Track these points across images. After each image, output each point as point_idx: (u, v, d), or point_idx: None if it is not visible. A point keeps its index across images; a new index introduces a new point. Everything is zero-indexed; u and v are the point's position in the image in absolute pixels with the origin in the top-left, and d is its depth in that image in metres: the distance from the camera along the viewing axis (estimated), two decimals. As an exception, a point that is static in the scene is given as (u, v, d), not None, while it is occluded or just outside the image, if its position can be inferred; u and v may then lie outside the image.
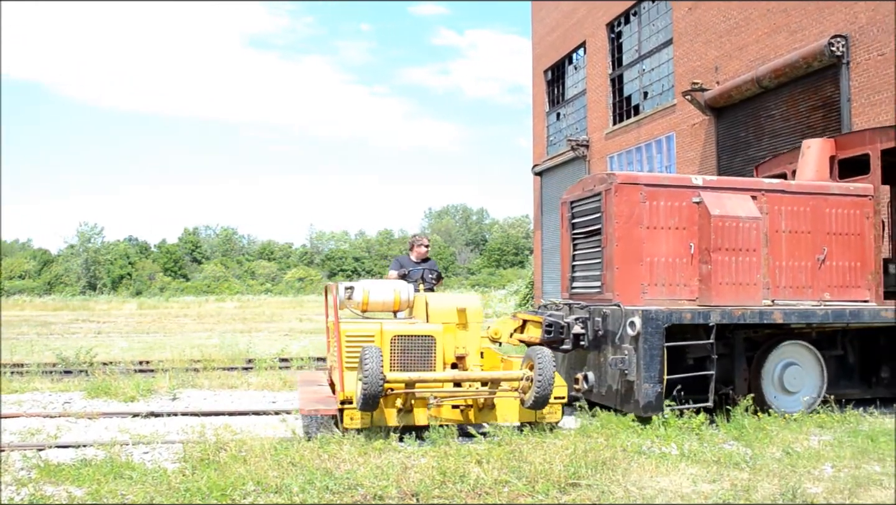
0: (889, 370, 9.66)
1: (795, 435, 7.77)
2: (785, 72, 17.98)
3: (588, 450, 6.80)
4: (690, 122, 22.62)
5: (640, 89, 26.47)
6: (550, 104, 34.32)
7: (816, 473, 6.36)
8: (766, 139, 19.40)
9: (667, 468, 6.46)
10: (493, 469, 6.28)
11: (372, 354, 7.38)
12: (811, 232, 9.55)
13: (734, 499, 5.66)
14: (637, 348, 8.24)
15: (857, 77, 16.40)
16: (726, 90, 20.19)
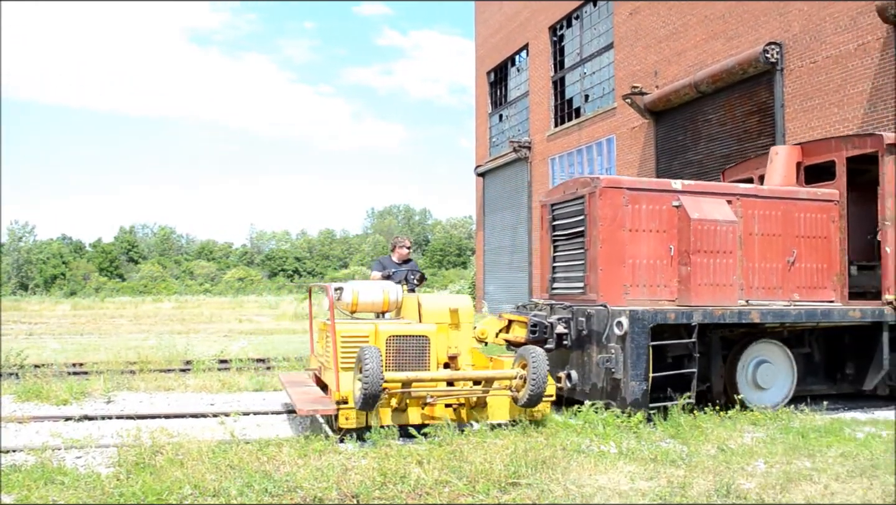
0: (853, 367, 10.01)
1: (730, 432, 7.93)
2: (722, 77, 18.37)
3: (528, 449, 6.84)
4: (630, 125, 22.97)
5: (581, 92, 26.77)
6: (493, 105, 34.51)
7: (750, 469, 6.50)
8: (703, 143, 19.81)
9: (605, 466, 6.53)
10: (434, 469, 6.27)
11: (371, 354, 7.41)
12: (781, 235, 9.95)
13: (670, 495, 5.76)
14: (624, 347, 8.45)
15: (791, 84, 16.84)
16: (665, 94, 20.55)
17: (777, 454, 6.97)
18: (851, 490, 5.85)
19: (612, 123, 24.12)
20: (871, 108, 14.88)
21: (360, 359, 7.50)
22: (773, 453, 7.00)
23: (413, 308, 8.99)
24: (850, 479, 6.16)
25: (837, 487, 5.91)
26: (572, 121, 26.84)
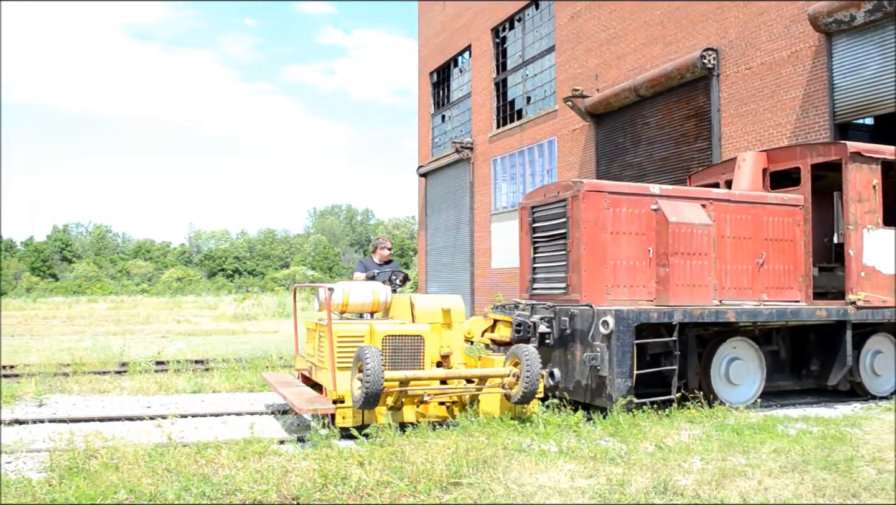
0: (818, 363, 10.48)
1: (667, 430, 8.07)
2: (660, 82, 18.69)
3: (469, 449, 6.86)
4: (571, 127, 23.22)
5: (523, 94, 26.97)
6: (436, 106, 34.55)
7: (686, 465, 6.63)
8: (642, 145, 20.13)
9: (546, 465, 6.59)
10: (376, 470, 6.25)
11: (372, 353, 7.52)
12: (751, 238, 10.39)
13: (609, 493, 5.83)
14: (610, 346, 8.74)
15: (727, 89, 17.22)
16: (605, 97, 20.83)
17: (713, 451, 7.11)
18: (784, 485, 6.01)
19: (554, 125, 24.35)
20: (804, 113, 15.31)
21: (361, 358, 7.58)
22: (708, 450, 7.15)
23: (405, 308, 9.11)
24: (783, 474, 6.33)
25: (770, 483, 6.06)
26: (514, 122, 27.03)
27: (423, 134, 35.46)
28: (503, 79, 28.22)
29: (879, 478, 6.19)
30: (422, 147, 35.58)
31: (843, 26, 14.23)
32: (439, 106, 34.28)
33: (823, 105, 14.87)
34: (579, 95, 21.77)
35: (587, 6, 22.68)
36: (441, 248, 33.10)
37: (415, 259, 45.13)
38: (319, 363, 8.92)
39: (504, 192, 27.86)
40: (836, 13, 14.14)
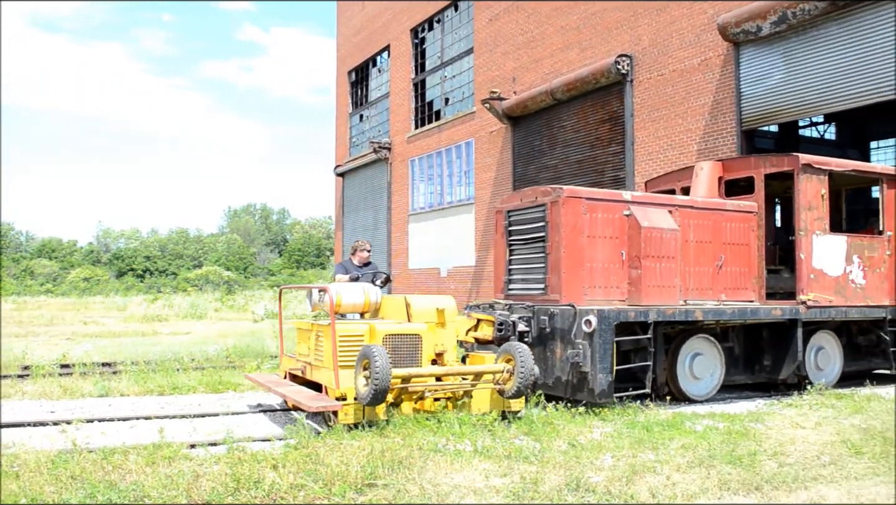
0: (770, 359, 11.14)
1: (580, 428, 8.19)
2: (576, 86, 19.02)
3: (385, 450, 6.83)
4: (489, 129, 23.41)
5: (441, 95, 27.07)
6: (354, 106, 34.37)
7: (598, 463, 6.74)
8: (558, 148, 20.44)
9: (461, 465, 6.60)
10: (289, 473, 6.16)
11: (379, 352, 7.73)
12: (712, 242, 11.04)
13: (523, 491, 5.88)
14: (592, 343, 9.18)
15: (640, 94, 17.64)
16: (522, 100, 21.07)
17: (623, 448, 7.25)
18: (691, 480, 6.17)
19: (472, 127, 24.51)
20: (713, 119, 15.80)
21: (368, 357, 7.79)
22: (619, 447, 7.28)
23: (399, 309, 9.35)
24: (690, 469, 6.50)
25: (678, 478, 6.22)
26: (432, 123, 27.10)
27: (341, 133, 35.22)
28: (422, 80, 28.26)
29: (781, 471, 6.42)
30: (339, 146, 35.34)
31: (751, 37, 14.75)
32: (357, 105, 34.11)
33: (731, 112, 15.38)
34: (497, 98, 21.98)
35: (505, 9, 22.91)
36: (358, 248, 32.88)
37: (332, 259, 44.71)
38: (317, 362, 9.05)
39: (422, 193, 27.90)
40: (744, 24, 14.65)
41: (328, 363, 8.60)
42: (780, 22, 14.07)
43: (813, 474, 6.37)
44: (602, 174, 18.85)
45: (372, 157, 30.70)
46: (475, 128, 24.32)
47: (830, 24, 13.68)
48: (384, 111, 31.18)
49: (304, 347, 9.68)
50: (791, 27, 14.15)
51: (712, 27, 15.65)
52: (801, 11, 13.68)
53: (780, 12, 13.97)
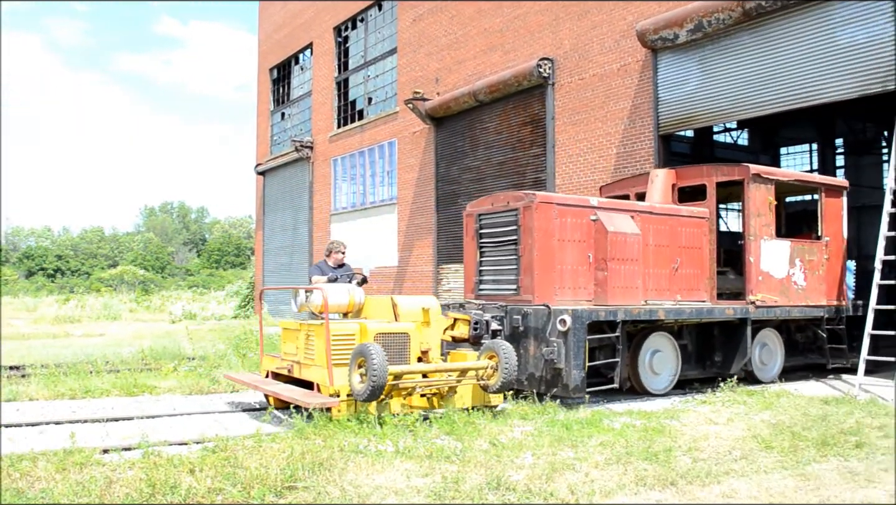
0: (721, 355, 11.80)
1: (501, 427, 8.26)
2: (499, 88, 19.18)
3: (305, 452, 6.76)
4: (412, 129, 23.41)
5: (365, 95, 26.96)
6: (275, 103, 33.94)
7: (519, 461, 6.80)
8: (480, 149, 20.57)
9: (382, 465, 6.58)
10: (207, 477, 6.03)
11: (376, 350, 8.00)
12: (668, 246, 11.64)
13: (444, 491, 5.90)
14: (566, 341, 9.62)
15: (561, 98, 17.90)
16: (445, 101, 21.14)
17: (544, 446, 7.34)
18: (609, 476, 6.29)
19: (395, 127, 24.47)
20: (631, 124, 16.14)
21: (364, 355, 8.05)
22: (540, 445, 7.37)
23: (385, 308, 9.65)
24: (608, 466, 6.62)
25: (596, 474, 6.33)
26: (355, 123, 26.96)
27: (262, 131, 34.74)
28: (345, 78, 28.09)
29: (695, 466, 6.60)
30: (260, 145, 34.84)
31: (668, 43, 15.12)
32: (279, 103, 33.69)
33: (649, 117, 15.74)
34: (420, 98, 22.00)
35: (429, 10, 22.96)
36: (279, 248, 32.52)
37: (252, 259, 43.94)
38: (306, 361, 9.27)
39: (344, 193, 27.73)
40: (662, 31, 15.01)
41: (320, 361, 8.86)
42: (696, 30, 14.47)
43: (725, 469, 6.56)
44: (523, 176, 19.06)
45: (294, 156, 30.36)
46: (398, 128, 24.29)
47: (743, 33, 14.14)
48: (306, 110, 30.88)
49: (291, 347, 9.82)
50: (706, 35, 14.56)
51: (631, 33, 15.99)
52: (715, 20, 14.10)
53: (696, 21, 14.36)
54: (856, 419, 8.48)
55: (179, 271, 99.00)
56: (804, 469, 6.56)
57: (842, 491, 5.90)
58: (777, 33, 13.63)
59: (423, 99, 22.02)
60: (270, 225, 33.55)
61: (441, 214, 22.13)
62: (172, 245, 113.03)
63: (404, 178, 23.88)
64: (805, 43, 13.19)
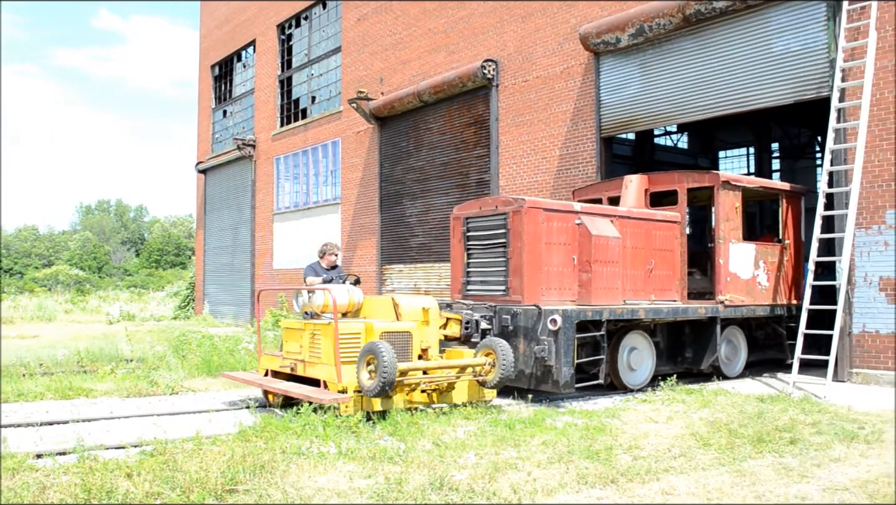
0: (691, 352, 12.33)
1: (444, 427, 8.27)
2: (443, 89, 19.21)
3: (246, 454, 6.67)
4: (356, 129, 23.30)
5: (308, 93, 26.75)
6: (217, 101, 33.46)
7: (462, 461, 6.82)
8: (424, 150, 20.58)
9: (325, 467, 6.54)
10: (145, 481, 5.92)
11: (386, 348, 8.38)
12: (644, 248, 12.12)
13: (387, 492, 5.88)
14: (557, 340, 9.96)
15: (505, 99, 18.00)
16: (390, 101, 21.10)
17: (486, 446, 7.37)
18: (550, 475, 6.34)
19: (339, 126, 24.33)
20: (574, 126, 16.32)
21: (374, 352, 8.43)
22: (483, 445, 7.40)
23: (386, 308, 10.00)
24: (550, 465, 6.68)
25: (539, 473, 6.38)
26: (298, 121, 26.73)
27: (203, 129, 34.21)
28: (288, 77, 27.83)
29: (635, 464, 6.70)
30: (201, 142, 34.31)
31: (610, 47, 15.32)
32: (221, 101, 33.22)
33: (591, 119, 15.93)
34: (364, 98, 21.91)
35: (374, 10, 22.88)
36: (220, 247, 32.07)
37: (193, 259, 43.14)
38: (312, 359, 9.51)
39: (287, 192, 27.47)
40: (604, 35, 15.20)
41: (327, 360, 9.18)
42: (638, 34, 14.69)
43: (664, 466, 6.67)
44: (467, 176, 19.13)
45: (236, 155, 29.97)
46: (342, 127, 24.15)
47: (684, 39, 14.40)
48: (249, 107, 30.50)
49: (294, 346, 10.00)
50: (648, 40, 14.80)
51: (574, 37, 16.16)
52: (657, 25, 14.33)
53: (637, 25, 14.58)
54: (790, 416, 8.70)
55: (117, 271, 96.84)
56: (740, 465, 6.71)
57: (776, 486, 6.05)
58: (716, 40, 13.92)
59: (367, 98, 21.94)
60: (211, 224, 33.06)
61: (385, 214, 22.08)
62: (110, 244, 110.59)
63: (348, 177, 23.76)
64: (743, 49, 13.50)
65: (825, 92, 12.33)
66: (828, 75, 12.26)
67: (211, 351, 15.24)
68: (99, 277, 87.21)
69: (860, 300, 11.70)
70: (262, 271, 28.57)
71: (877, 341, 11.49)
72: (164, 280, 75.42)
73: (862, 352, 11.64)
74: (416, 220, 20.88)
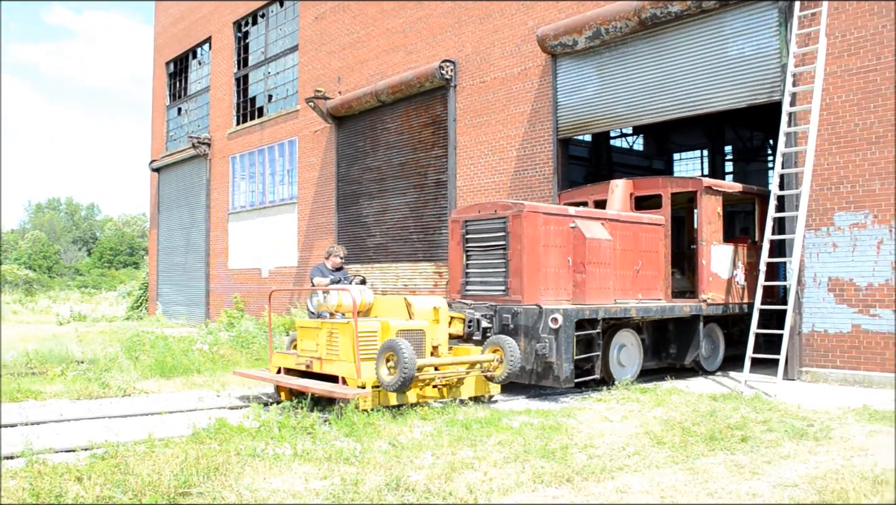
0: (675, 348, 12.84)
1: (401, 427, 8.25)
2: (401, 89, 19.18)
3: (200, 456, 6.59)
4: (313, 128, 23.16)
5: (265, 91, 26.52)
6: (172, 98, 33.00)
7: (418, 461, 6.81)
8: (382, 150, 20.52)
9: (280, 469, 6.49)
10: (95, 485, 5.81)
11: (406, 345, 8.79)
12: (632, 250, 12.57)
13: (343, 493, 5.85)
14: (558, 338, 10.37)
15: (463, 100, 18.03)
16: (347, 101, 21.00)
17: (443, 446, 7.37)
18: (507, 474, 6.36)
19: (295, 125, 24.16)
20: (531, 127, 16.40)
21: (393, 349, 8.83)
22: (439, 445, 7.40)
23: (399, 308, 10.45)
24: (506, 464, 6.70)
25: (495, 473, 6.39)
26: (255, 120, 26.48)
27: (158, 126, 33.72)
28: (244, 75, 27.56)
29: (590, 462, 6.75)
30: (155, 140, 33.81)
31: (567, 49, 15.43)
32: (176, 98, 32.77)
33: (548, 121, 16.03)
34: (321, 97, 21.79)
35: (332, 8, 22.76)
36: (175, 247, 31.63)
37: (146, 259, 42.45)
38: (330, 357, 9.87)
39: (243, 191, 27.19)
40: (561, 37, 15.30)
41: (346, 357, 9.57)
42: (595, 37, 14.82)
43: (619, 465, 6.73)
44: (425, 177, 19.12)
45: (190, 153, 29.58)
46: (299, 126, 23.98)
47: (640, 42, 14.56)
48: (204, 105, 30.13)
49: (310, 344, 10.34)
50: (604, 43, 14.93)
51: (532, 38, 16.24)
52: (613, 28, 14.47)
53: (594, 28, 14.70)
54: (741, 415, 8.84)
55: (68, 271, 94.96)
56: (693, 463, 6.80)
57: (728, 483, 6.14)
58: (671, 43, 14.10)
59: (324, 98, 21.81)
60: (165, 224, 32.59)
61: (341, 214, 21.97)
62: (60, 243, 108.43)
63: (304, 176, 23.60)
64: (697, 53, 13.69)
65: (777, 96, 12.56)
66: (780, 80, 12.49)
67: (165, 352, 15.02)
68: (49, 277, 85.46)
69: (810, 300, 11.94)
70: (216, 271, 28.26)
71: (825, 340, 11.74)
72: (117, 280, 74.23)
73: (811, 351, 11.88)
74: (373, 220, 20.82)
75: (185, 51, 31.53)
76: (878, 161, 11.30)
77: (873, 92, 11.39)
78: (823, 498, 5.69)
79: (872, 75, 11.41)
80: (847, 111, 11.65)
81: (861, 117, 11.49)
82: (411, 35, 19.69)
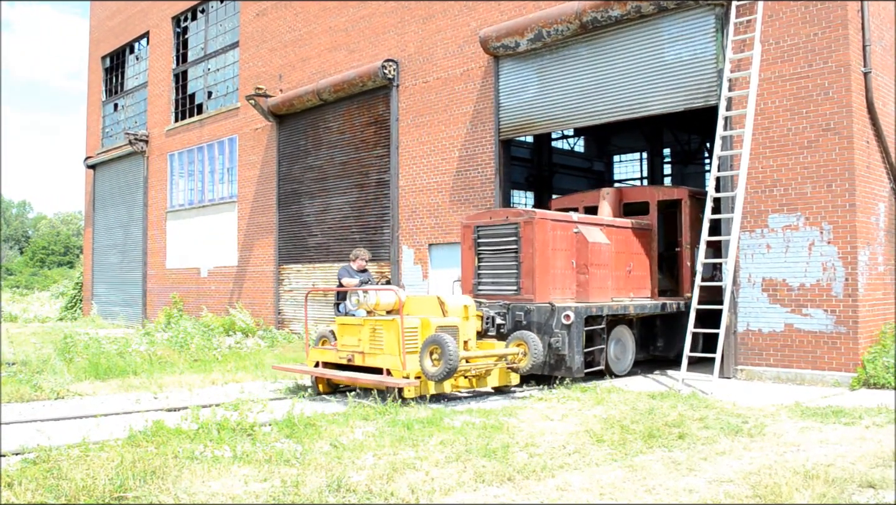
0: (663, 341, 13.91)
1: (342, 428, 8.21)
2: (343, 87, 19.08)
3: (136, 460, 6.46)
4: (254, 126, 22.89)
5: (205, 88, 26.12)
6: (108, 94, 32.27)
7: (360, 462, 6.78)
8: (324, 149, 20.39)
9: (219, 471, 6.39)
10: (27, 491, 5.66)
11: (450, 339, 9.83)
12: (625, 252, 13.66)
13: (283, 495, 5.79)
14: (570, 332, 11.29)
15: (405, 99, 18.01)
16: (288, 99, 20.81)
17: (385, 446, 7.36)
18: (448, 474, 6.37)
19: (236, 123, 23.84)
20: (473, 128, 16.47)
21: (439, 343, 9.80)
22: (381, 446, 7.38)
23: (433, 306, 11.18)
24: (448, 464, 6.71)
25: (437, 473, 6.40)
26: (194, 117, 26.05)
27: (93, 122, 32.91)
28: (183, 71, 27.10)
29: (531, 461, 6.80)
30: (91, 137, 33.00)
31: (509, 51, 15.53)
32: (112, 93, 32.05)
33: (490, 122, 16.11)
34: (262, 94, 21.55)
35: (273, 6, 22.53)
36: (111, 246, 30.93)
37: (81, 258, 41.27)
38: (373, 351, 10.70)
39: (182, 189, 26.73)
40: (503, 39, 15.40)
41: (390, 350, 10.43)
42: (536, 39, 14.94)
43: (560, 463, 6.80)
44: (367, 176, 19.05)
45: (127, 150, 28.96)
46: (239, 124, 23.67)
47: (580, 45, 14.73)
48: (142, 101, 29.52)
49: (351, 340, 11.15)
50: (546, 45, 15.07)
51: (474, 40, 16.31)
52: (555, 31, 14.61)
53: (536, 30, 14.83)
54: (679, 412, 9.01)
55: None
56: (632, 460, 6.90)
57: (666, 480, 6.25)
58: (611, 47, 14.29)
59: (265, 95, 21.58)
60: (101, 222, 31.83)
61: (282, 213, 21.76)
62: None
63: (245, 175, 23.31)
64: (636, 57, 13.91)
65: (713, 101, 12.83)
66: (716, 85, 12.76)
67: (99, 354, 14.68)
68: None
69: (744, 300, 12.23)
70: (154, 271, 27.73)
71: (759, 339, 12.04)
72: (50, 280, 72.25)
73: (746, 350, 12.17)
74: (314, 219, 20.66)
75: (122, 45, 30.86)
76: (809, 165, 11.63)
77: (805, 98, 11.71)
78: (757, 493, 5.83)
79: (804, 81, 11.73)
80: (780, 116, 11.96)
81: (794, 122, 11.81)
82: (354, 34, 19.60)
